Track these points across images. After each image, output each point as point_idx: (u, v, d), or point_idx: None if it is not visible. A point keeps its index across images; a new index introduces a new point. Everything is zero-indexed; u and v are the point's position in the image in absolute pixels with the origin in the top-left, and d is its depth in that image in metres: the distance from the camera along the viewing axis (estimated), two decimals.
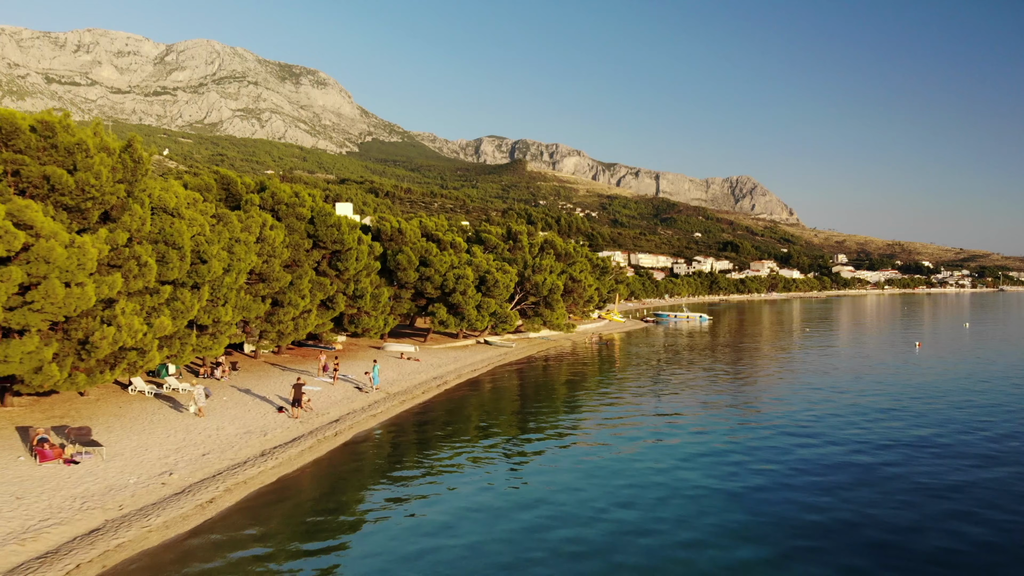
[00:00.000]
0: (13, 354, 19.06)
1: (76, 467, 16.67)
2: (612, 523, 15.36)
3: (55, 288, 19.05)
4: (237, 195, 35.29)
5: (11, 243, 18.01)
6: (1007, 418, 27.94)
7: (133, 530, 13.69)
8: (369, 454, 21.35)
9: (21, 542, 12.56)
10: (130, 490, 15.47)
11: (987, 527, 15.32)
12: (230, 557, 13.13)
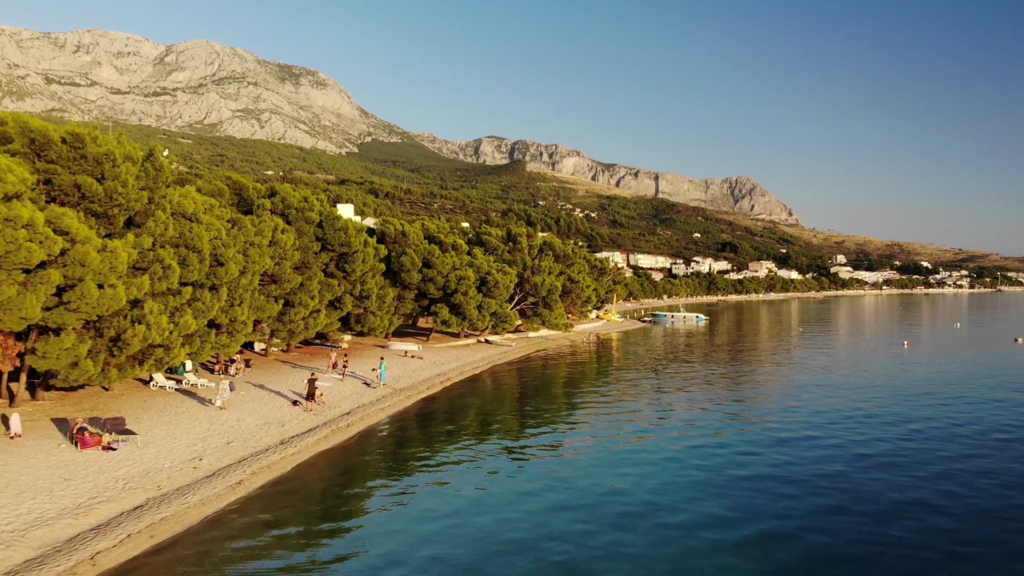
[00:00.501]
0: (52, 350, 20.63)
1: (114, 453, 18.21)
2: (608, 505, 16.90)
3: (90, 289, 20.59)
4: (249, 200, 36.87)
5: (51, 248, 19.54)
6: (980, 414, 29.52)
7: (173, 507, 15.25)
8: (379, 444, 22.90)
9: (75, 516, 14.11)
10: (165, 473, 17.02)
11: (947, 516, 16.87)
12: (263, 532, 14.68)
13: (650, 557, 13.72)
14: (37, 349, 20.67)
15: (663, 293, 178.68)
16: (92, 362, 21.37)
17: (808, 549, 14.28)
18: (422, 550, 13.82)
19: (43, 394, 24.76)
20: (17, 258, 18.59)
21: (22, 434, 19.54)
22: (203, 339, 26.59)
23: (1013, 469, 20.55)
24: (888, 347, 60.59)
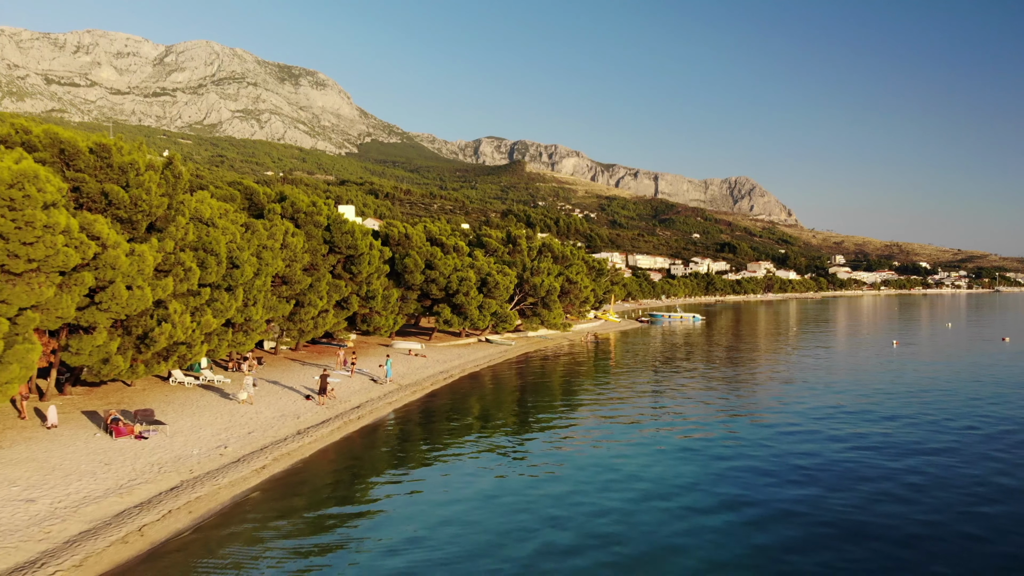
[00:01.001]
0: (85, 347, 22.19)
1: (146, 441, 19.76)
2: (604, 492, 18.46)
3: (120, 290, 22.14)
4: (259, 204, 38.43)
5: (85, 252, 21.08)
6: (956, 408, 31.11)
7: (206, 488, 16.80)
8: (388, 435, 24.46)
9: (119, 495, 15.66)
10: (195, 459, 18.57)
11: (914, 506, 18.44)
12: (289, 511, 16.24)
13: (642, 534, 15.28)
14: (71, 346, 22.23)
15: (661, 293, 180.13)
16: (122, 358, 22.93)
17: (783, 528, 15.84)
18: (438, 530, 15.37)
19: (70, 389, 26.29)
20: (55, 262, 20.12)
21: (58, 425, 21.08)
22: (220, 337, 28.13)
23: (975, 454, 22.13)
24: (877, 346, 62.18)
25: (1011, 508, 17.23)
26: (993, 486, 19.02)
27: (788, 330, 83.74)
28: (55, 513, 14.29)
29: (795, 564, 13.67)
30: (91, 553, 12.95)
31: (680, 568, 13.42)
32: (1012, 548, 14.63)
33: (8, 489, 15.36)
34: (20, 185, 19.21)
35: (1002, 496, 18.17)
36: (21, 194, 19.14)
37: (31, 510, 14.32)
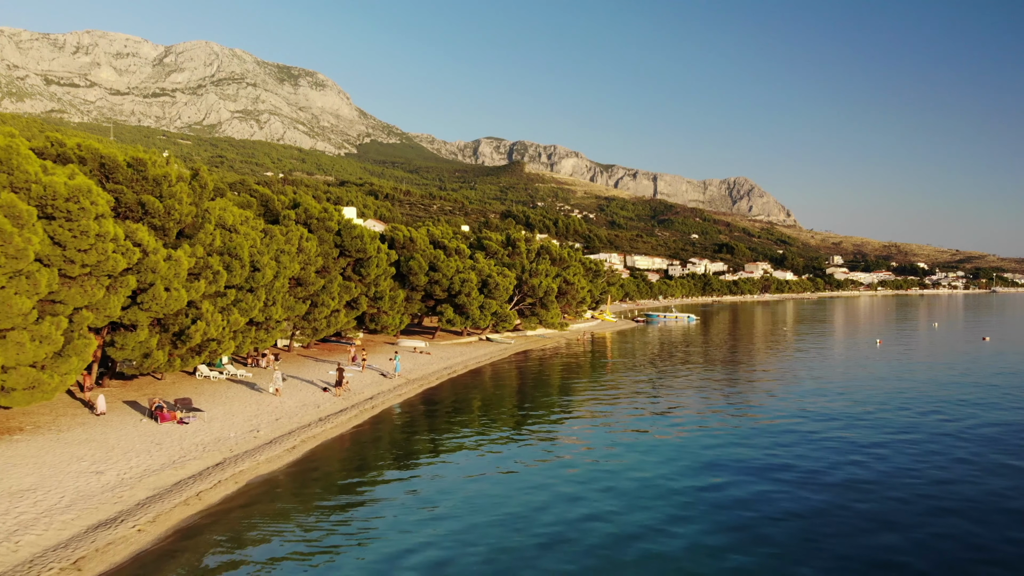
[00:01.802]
0: (128, 343, 24.66)
1: (187, 426, 22.23)
2: (595, 478, 20.95)
3: (160, 292, 24.61)
4: (275, 211, 40.90)
5: (131, 258, 23.54)
6: (927, 402, 33.67)
7: (246, 463, 19.29)
8: (398, 422, 26.94)
9: (174, 468, 18.13)
10: (233, 440, 21.05)
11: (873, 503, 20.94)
12: (320, 482, 18.73)
13: (627, 508, 17.77)
14: (116, 342, 24.69)
15: (659, 294, 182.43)
16: (161, 353, 25.40)
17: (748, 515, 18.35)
18: (445, 500, 17.85)
19: (107, 381, 28.75)
20: (106, 267, 22.58)
21: (106, 412, 23.55)
22: (244, 335, 30.60)
23: (938, 443, 24.67)
24: (861, 345, 64.74)
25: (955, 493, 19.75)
26: (957, 471, 21.55)
27: (778, 330, 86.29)
28: (123, 483, 16.76)
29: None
30: (160, 512, 15.44)
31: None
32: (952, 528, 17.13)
33: (78, 464, 17.82)
34: (76, 198, 21.69)
35: (954, 484, 20.69)
36: (77, 207, 21.61)
37: (101, 480, 16.79)
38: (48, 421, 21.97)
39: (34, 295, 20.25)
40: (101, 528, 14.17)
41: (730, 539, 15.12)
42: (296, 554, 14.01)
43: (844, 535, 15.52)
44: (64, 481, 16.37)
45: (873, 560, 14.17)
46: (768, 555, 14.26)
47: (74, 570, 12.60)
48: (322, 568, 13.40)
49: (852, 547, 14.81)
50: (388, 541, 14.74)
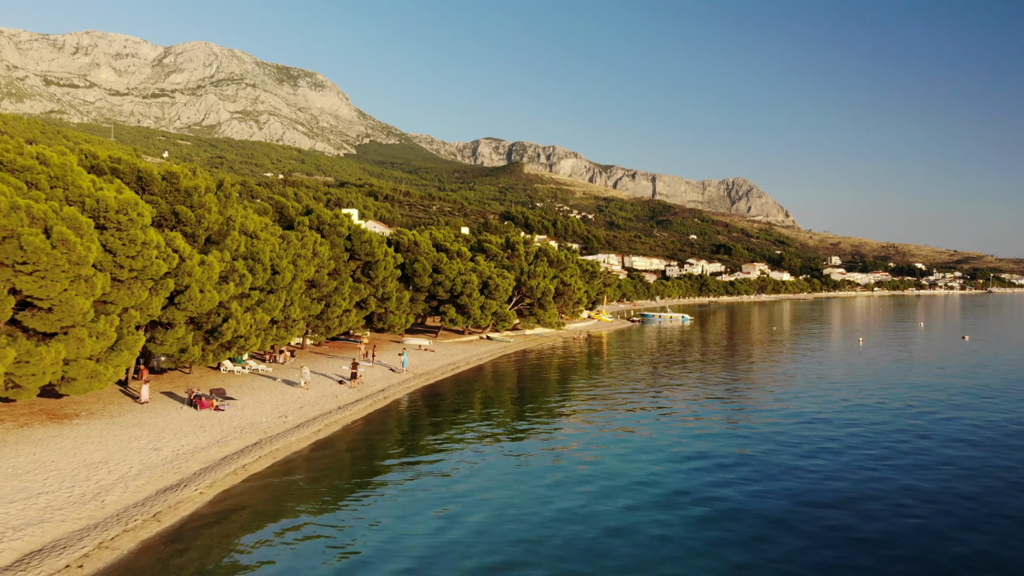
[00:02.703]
0: (168, 339, 27.44)
1: (223, 413, 25.02)
2: (588, 465, 23.77)
3: (195, 293, 27.38)
4: (289, 217, 43.70)
5: (171, 263, 26.32)
6: (898, 396, 36.53)
7: (279, 443, 22.10)
8: (407, 411, 29.76)
9: (219, 447, 20.93)
10: (265, 424, 23.85)
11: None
12: (340, 458, 21.53)
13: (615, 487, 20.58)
14: (156, 338, 27.46)
15: (656, 294, 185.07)
16: (197, 348, 28.19)
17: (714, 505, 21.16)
18: (450, 471, 20.66)
19: (146, 374, 31.48)
20: (150, 271, 25.35)
21: (148, 401, 26.32)
22: (267, 332, 33.39)
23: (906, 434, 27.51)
24: (845, 344, 67.65)
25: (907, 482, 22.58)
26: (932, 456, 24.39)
27: (769, 329, 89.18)
28: (178, 457, 19.55)
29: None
30: (215, 480, 18.25)
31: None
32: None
33: (137, 442, 20.60)
34: (125, 211, 24.48)
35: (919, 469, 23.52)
36: (126, 218, 24.41)
37: (159, 455, 19.58)
38: (99, 409, 24.74)
39: (91, 296, 23.00)
40: (169, 491, 16.97)
41: (704, 528, 17.93)
42: (327, 513, 16.81)
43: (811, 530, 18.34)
44: (129, 455, 19.16)
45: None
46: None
47: (154, 521, 15.41)
48: (348, 521, 16.19)
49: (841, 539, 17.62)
50: (398, 503, 17.61)
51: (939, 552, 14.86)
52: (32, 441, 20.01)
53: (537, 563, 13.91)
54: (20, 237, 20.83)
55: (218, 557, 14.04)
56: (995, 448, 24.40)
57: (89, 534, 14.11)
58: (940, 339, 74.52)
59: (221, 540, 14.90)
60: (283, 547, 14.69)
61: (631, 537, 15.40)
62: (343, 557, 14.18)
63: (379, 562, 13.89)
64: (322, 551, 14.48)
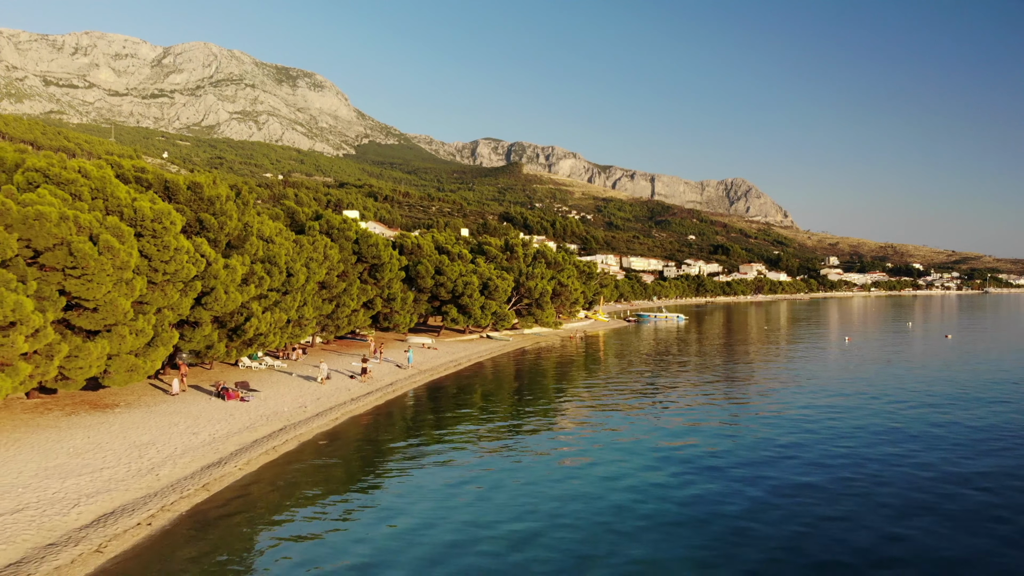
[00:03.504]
0: (196, 336, 29.88)
1: (247, 403, 27.47)
2: (580, 450, 26.24)
3: (220, 294, 29.83)
4: (300, 222, 46.13)
5: (200, 267, 28.77)
6: (870, 390, 39.04)
7: (302, 429, 24.57)
8: (413, 403, 32.24)
9: (249, 432, 23.38)
10: (287, 414, 26.31)
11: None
12: (356, 442, 23.99)
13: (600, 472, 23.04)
14: (185, 336, 29.89)
15: (653, 295, 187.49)
16: (221, 345, 30.63)
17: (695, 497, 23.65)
18: (455, 453, 23.14)
19: (169, 370, 33.95)
20: (181, 275, 27.79)
21: (178, 393, 28.76)
22: (283, 330, 35.83)
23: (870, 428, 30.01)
24: (831, 342, 70.21)
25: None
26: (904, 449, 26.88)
27: (760, 328, 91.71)
28: (215, 440, 22.01)
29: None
30: (250, 459, 20.72)
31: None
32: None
33: (176, 428, 23.06)
34: (159, 219, 26.93)
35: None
36: (160, 226, 26.86)
37: (197, 439, 22.03)
38: (135, 400, 27.18)
39: (131, 297, 25.46)
40: (212, 467, 19.43)
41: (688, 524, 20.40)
42: (351, 485, 19.26)
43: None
44: (172, 438, 21.61)
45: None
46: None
47: (203, 490, 17.88)
48: (367, 489, 18.65)
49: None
50: (408, 476, 20.06)
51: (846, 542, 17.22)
52: (83, 427, 22.46)
53: (532, 526, 16.37)
54: (70, 244, 23.29)
55: (262, 517, 16.49)
56: (931, 440, 26.81)
57: (151, 500, 16.56)
58: (924, 338, 77.07)
59: (263, 505, 17.37)
60: (317, 511, 17.16)
61: (621, 510, 17.87)
62: (366, 514, 16.65)
63: (393, 516, 16.35)
64: (350, 512, 16.97)
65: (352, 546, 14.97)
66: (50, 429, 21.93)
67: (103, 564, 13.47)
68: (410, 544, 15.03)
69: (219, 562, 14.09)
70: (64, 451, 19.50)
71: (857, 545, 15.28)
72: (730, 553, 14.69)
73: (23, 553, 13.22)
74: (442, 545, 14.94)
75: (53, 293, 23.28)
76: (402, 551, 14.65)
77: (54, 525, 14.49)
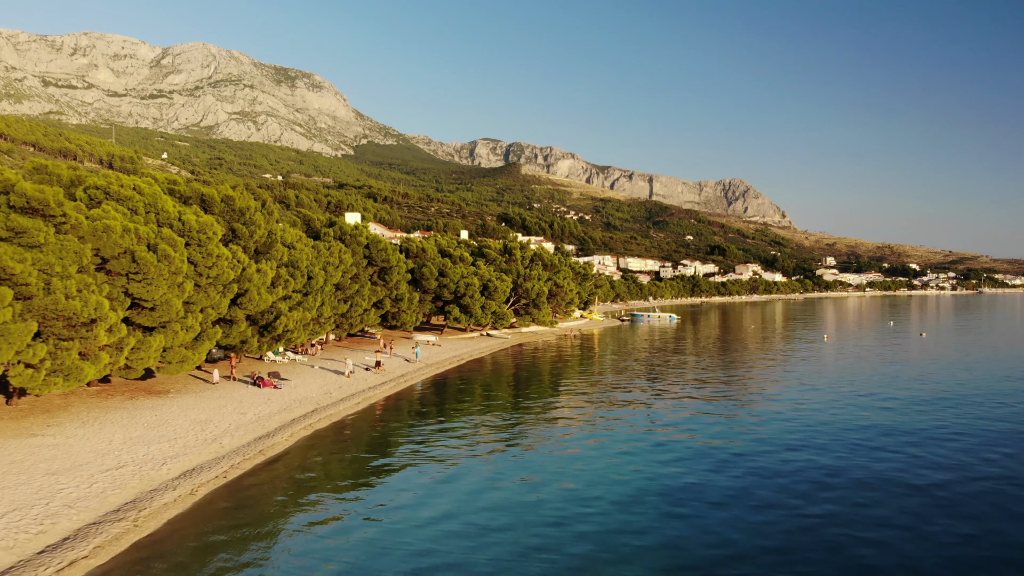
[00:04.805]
0: (233, 333, 33.94)
1: (280, 390, 31.54)
2: (572, 441, 30.35)
3: (254, 295, 33.88)
4: (316, 229, 50.18)
5: (237, 272, 32.80)
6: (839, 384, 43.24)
7: (331, 411, 28.68)
8: (422, 392, 36.33)
9: (287, 412, 27.47)
10: (315, 399, 30.40)
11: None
12: (377, 422, 28.09)
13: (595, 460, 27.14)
14: (224, 331, 33.94)
15: (648, 295, 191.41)
16: (254, 340, 34.71)
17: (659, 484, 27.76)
18: (458, 437, 27.23)
19: (204, 365, 37.98)
20: (222, 278, 31.83)
21: (218, 382, 32.81)
22: (306, 327, 39.89)
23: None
24: (810, 339, 74.45)
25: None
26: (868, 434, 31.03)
27: (748, 327, 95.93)
28: (260, 418, 26.08)
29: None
30: (292, 434, 24.84)
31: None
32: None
33: (224, 409, 27.12)
34: (204, 230, 31.00)
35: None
36: (205, 236, 30.93)
37: (246, 417, 26.09)
38: (183, 387, 31.23)
39: (182, 298, 29.50)
40: (263, 438, 23.53)
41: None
42: (376, 452, 23.35)
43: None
44: (225, 417, 25.68)
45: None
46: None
47: (260, 455, 22.00)
48: (391, 459, 22.72)
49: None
50: (418, 452, 24.14)
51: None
52: (147, 408, 26.52)
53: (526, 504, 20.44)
54: (134, 253, 27.34)
55: (308, 474, 20.58)
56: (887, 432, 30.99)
57: (222, 460, 20.65)
58: (901, 335, 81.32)
59: (307, 466, 21.47)
60: (350, 469, 21.24)
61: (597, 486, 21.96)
62: (390, 475, 20.75)
63: (412, 478, 20.42)
64: (377, 472, 21.06)
65: (378, 495, 19.07)
66: (120, 410, 25.97)
67: (198, 501, 17.60)
68: (419, 493, 19.14)
69: (279, 501, 18.22)
70: (140, 425, 23.56)
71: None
72: (714, 540, 15.73)
73: (134, 495, 17.27)
74: (453, 488, 19.04)
75: (120, 295, 27.33)
76: (413, 496, 18.77)
77: (152, 477, 18.55)
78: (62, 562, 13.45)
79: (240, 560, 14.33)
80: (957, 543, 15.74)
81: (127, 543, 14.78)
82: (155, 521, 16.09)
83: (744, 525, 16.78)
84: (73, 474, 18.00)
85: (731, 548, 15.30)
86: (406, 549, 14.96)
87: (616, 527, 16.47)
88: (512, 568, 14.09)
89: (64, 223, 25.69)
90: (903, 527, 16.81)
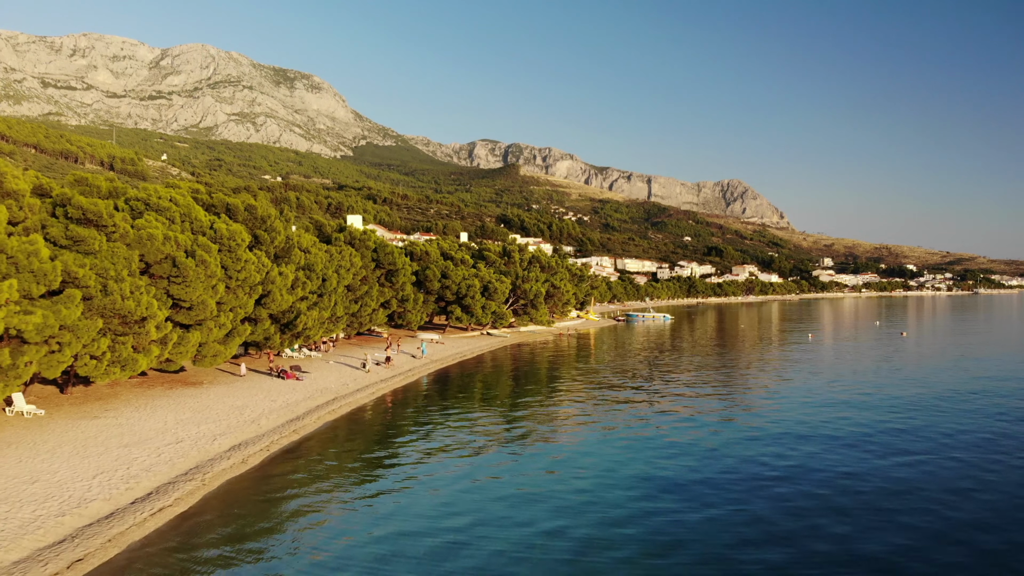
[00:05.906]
0: (258, 330, 37.33)
1: (301, 382, 34.94)
2: (567, 434, 33.77)
3: (277, 296, 37.28)
4: (327, 234, 53.59)
5: (262, 274, 36.19)
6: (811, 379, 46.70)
7: (350, 399, 32.10)
8: (429, 384, 39.75)
9: (311, 400, 30.88)
10: (334, 389, 33.81)
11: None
12: (389, 410, 31.49)
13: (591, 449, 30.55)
14: (250, 329, 37.31)
15: (645, 296, 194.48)
16: (277, 337, 38.11)
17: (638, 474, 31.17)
18: (461, 424, 30.63)
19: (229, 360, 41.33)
20: (249, 281, 35.20)
21: (245, 375, 36.19)
22: (322, 325, 43.29)
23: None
24: (795, 338, 77.97)
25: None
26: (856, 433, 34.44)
27: (738, 327, 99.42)
28: (288, 405, 29.48)
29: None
30: (319, 417, 28.28)
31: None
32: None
33: (255, 397, 30.51)
34: (233, 237, 34.40)
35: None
36: (234, 243, 34.32)
37: (275, 404, 29.49)
38: (213, 379, 34.62)
39: (215, 299, 32.88)
40: (293, 421, 26.95)
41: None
42: (392, 432, 26.76)
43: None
44: (257, 403, 29.08)
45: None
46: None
47: (294, 434, 25.45)
48: (407, 439, 26.12)
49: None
50: (425, 436, 27.55)
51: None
52: (187, 396, 29.91)
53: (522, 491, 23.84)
54: (175, 258, 30.74)
55: (336, 449, 23.98)
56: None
57: (262, 438, 24.07)
58: (884, 335, 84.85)
59: (335, 443, 24.89)
60: (370, 445, 24.64)
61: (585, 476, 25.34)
62: (407, 453, 24.15)
63: (423, 456, 23.83)
64: (394, 450, 24.48)
65: (395, 471, 22.51)
66: (164, 398, 29.35)
67: (250, 468, 21.05)
68: (428, 468, 22.55)
69: (316, 471, 21.67)
70: (187, 409, 26.95)
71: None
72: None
73: (196, 463, 20.66)
74: (457, 465, 22.48)
75: (162, 295, 30.71)
76: (422, 472, 22.20)
77: (208, 449, 21.95)
78: (152, 509, 16.84)
79: (296, 508, 17.80)
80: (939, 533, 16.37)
81: (199, 496, 18.20)
82: (218, 481, 19.53)
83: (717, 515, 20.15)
84: (142, 447, 21.37)
85: (726, 535, 16.18)
86: (429, 502, 18.43)
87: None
88: (511, 518, 17.47)
89: (114, 232, 29.07)
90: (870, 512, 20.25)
